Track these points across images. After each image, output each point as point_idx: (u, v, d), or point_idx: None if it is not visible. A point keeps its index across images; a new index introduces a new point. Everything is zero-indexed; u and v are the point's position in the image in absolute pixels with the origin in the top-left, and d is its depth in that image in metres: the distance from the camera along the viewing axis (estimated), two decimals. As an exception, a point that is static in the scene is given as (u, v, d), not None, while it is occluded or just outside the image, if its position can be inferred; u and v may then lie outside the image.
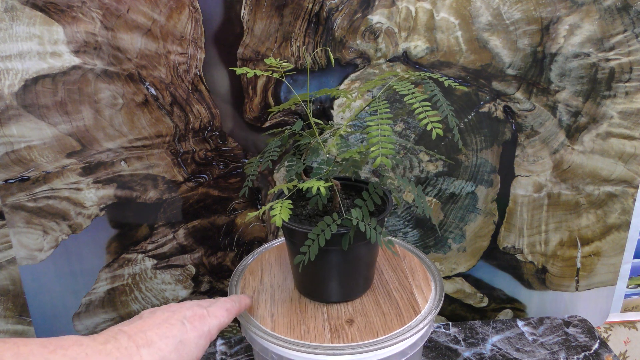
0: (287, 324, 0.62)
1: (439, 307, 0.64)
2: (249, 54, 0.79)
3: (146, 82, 0.79)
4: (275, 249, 0.79)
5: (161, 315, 0.53)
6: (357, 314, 0.64)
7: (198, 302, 0.57)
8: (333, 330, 0.61)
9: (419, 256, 0.75)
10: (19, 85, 0.77)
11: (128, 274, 0.90)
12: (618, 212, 0.93)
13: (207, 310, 0.56)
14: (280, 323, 0.63)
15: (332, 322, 0.63)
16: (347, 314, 0.64)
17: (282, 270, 0.73)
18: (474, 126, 0.86)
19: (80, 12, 0.75)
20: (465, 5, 0.79)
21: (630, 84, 0.85)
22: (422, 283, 0.69)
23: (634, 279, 1.00)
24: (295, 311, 0.65)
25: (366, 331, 0.61)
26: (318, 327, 0.62)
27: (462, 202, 0.91)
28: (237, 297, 0.62)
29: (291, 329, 0.62)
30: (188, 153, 0.84)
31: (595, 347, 0.89)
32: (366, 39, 0.80)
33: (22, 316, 0.91)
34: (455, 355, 0.87)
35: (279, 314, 0.64)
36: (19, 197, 0.83)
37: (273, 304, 0.66)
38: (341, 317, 0.64)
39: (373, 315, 0.63)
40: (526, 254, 0.95)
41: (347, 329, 0.61)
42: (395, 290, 0.68)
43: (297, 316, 0.64)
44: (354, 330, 0.61)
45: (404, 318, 0.63)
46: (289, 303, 0.66)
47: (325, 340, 0.59)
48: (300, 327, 0.62)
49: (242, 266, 0.74)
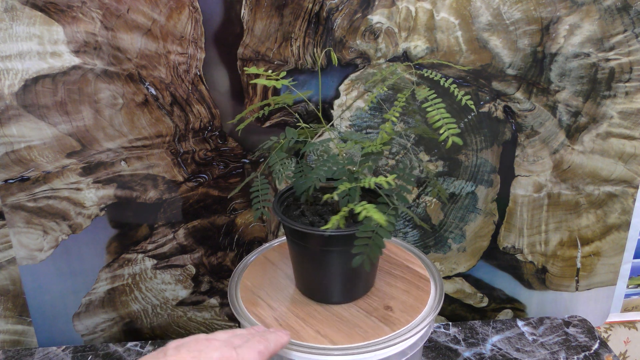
0: (287, 324, 0.62)
1: (439, 307, 0.64)
2: (249, 54, 0.79)
3: (146, 82, 0.79)
4: (275, 249, 0.79)
5: (186, 356, 0.49)
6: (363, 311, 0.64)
7: (228, 339, 0.53)
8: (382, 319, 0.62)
9: (419, 256, 0.75)
10: (19, 85, 0.77)
11: (128, 274, 0.90)
12: (618, 212, 0.93)
13: (237, 353, 0.51)
14: (296, 329, 0.62)
15: (374, 314, 0.63)
16: (378, 303, 0.64)
17: (283, 270, 0.73)
18: (474, 126, 0.86)
19: (80, 12, 0.75)
20: (465, 5, 0.79)
21: (630, 84, 0.85)
22: (422, 283, 0.69)
23: (634, 279, 1.00)
24: (297, 312, 0.65)
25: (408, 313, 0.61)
26: (368, 323, 0.62)
27: (462, 202, 0.91)
28: (273, 336, 0.56)
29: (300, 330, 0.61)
30: (188, 153, 0.84)
31: (595, 347, 0.89)
32: (366, 39, 0.80)
33: (22, 316, 0.91)
34: (455, 355, 0.87)
35: (280, 314, 0.64)
36: (19, 197, 0.83)
37: (274, 304, 0.66)
38: (378, 307, 0.65)
39: (359, 320, 0.63)
40: (526, 254, 0.95)
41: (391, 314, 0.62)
42: (396, 290, 0.68)
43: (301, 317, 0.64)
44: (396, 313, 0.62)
45: (404, 318, 0.63)
46: (290, 304, 0.66)
47: (385, 332, 0.60)
48: (351, 329, 0.61)
49: (242, 266, 0.74)
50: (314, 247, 0.62)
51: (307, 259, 0.65)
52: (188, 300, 0.93)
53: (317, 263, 0.64)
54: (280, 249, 0.79)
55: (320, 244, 0.62)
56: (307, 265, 0.66)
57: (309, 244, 0.62)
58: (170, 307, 0.93)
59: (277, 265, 0.75)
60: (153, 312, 0.93)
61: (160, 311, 0.93)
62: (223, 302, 0.94)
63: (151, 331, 0.95)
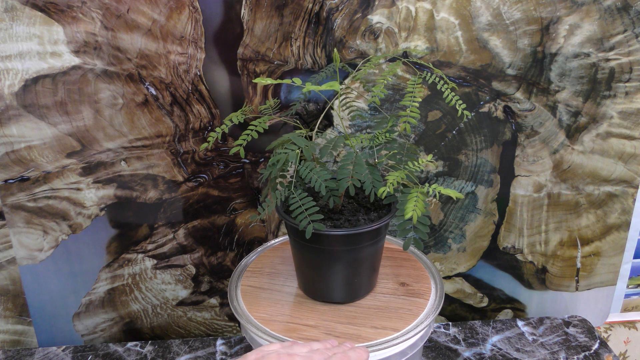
0: (288, 324, 0.62)
1: (439, 308, 0.64)
2: (249, 54, 0.79)
3: (146, 82, 0.79)
4: (275, 249, 0.79)
5: None
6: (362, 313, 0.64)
7: (309, 355, 0.49)
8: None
9: (419, 256, 0.75)
10: (19, 85, 0.77)
11: (128, 274, 0.90)
12: (618, 212, 0.93)
13: None
14: (281, 323, 0.63)
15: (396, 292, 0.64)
16: (351, 313, 0.64)
17: (283, 270, 0.73)
18: (474, 126, 0.86)
19: (80, 12, 0.75)
20: (465, 5, 0.79)
21: (630, 84, 0.85)
22: (422, 283, 0.69)
23: (634, 279, 1.00)
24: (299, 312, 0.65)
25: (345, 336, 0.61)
26: (373, 322, 0.62)
27: (462, 202, 0.91)
28: (354, 354, 0.51)
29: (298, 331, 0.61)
30: (188, 153, 0.84)
31: (595, 347, 0.89)
32: (366, 39, 0.80)
33: (22, 316, 0.91)
34: (455, 355, 0.87)
35: (280, 315, 0.64)
36: (19, 197, 0.83)
37: (274, 304, 0.66)
38: (381, 306, 0.65)
39: (376, 316, 0.63)
40: (526, 254, 0.95)
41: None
42: (396, 290, 0.68)
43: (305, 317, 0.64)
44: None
45: (404, 318, 0.63)
46: (293, 303, 0.66)
47: (389, 333, 0.60)
48: (360, 327, 0.61)
49: (242, 266, 0.74)
50: (319, 246, 0.62)
51: (309, 258, 0.65)
52: (188, 300, 0.93)
53: (320, 262, 0.64)
54: (280, 249, 0.79)
55: (323, 244, 0.61)
56: (310, 265, 0.66)
57: (312, 243, 0.62)
58: (170, 307, 0.93)
59: (278, 265, 0.75)
60: (153, 312, 0.93)
61: (160, 311, 0.93)
62: (223, 302, 0.94)
63: (151, 331, 0.95)
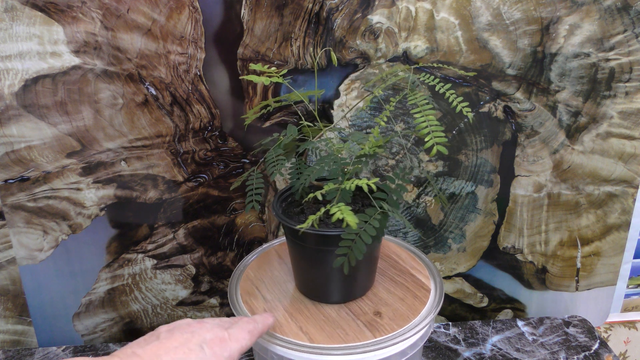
0: (287, 324, 0.62)
1: (439, 307, 0.64)
2: (249, 54, 0.79)
3: (146, 82, 0.79)
4: (275, 249, 0.79)
5: (179, 338, 0.50)
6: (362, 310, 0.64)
7: (219, 323, 0.54)
8: (368, 325, 0.62)
9: (419, 256, 0.75)
10: (19, 85, 0.77)
11: (128, 274, 0.90)
12: (618, 212, 0.93)
13: (228, 333, 0.52)
14: (281, 323, 0.63)
15: (362, 318, 0.63)
16: (370, 308, 0.65)
17: (283, 270, 0.73)
18: (474, 126, 0.86)
19: (80, 12, 0.75)
20: (465, 5, 0.79)
21: (630, 84, 0.85)
22: (422, 283, 0.69)
23: (634, 279, 1.00)
24: (298, 311, 0.65)
25: (339, 336, 0.61)
26: (352, 326, 0.62)
27: (462, 202, 0.91)
28: (260, 317, 0.58)
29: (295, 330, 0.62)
30: (188, 153, 0.84)
31: (595, 347, 0.89)
32: (366, 39, 0.80)
33: (22, 316, 0.91)
34: (455, 355, 0.87)
35: (280, 314, 0.64)
36: (19, 197, 0.83)
37: (274, 304, 0.66)
38: (366, 312, 0.64)
39: (356, 320, 0.63)
40: (526, 254, 0.95)
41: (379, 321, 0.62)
42: (396, 290, 0.68)
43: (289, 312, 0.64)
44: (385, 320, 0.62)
45: (404, 318, 0.63)
46: (290, 303, 0.66)
47: (368, 337, 0.60)
48: (334, 330, 0.61)
49: (242, 266, 0.74)
50: (310, 245, 0.63)
51: (303, 258, 0.66)
52: (188, 300, 0.93)
53: (312, 262, 0.64)
54: (280, 249, 0.79)
55: (315, 243, 0.62)
56: (303, 264, 0.66)
57: (305, 242, 0.62)
58: (170, 307, 0.93)
59: (277, 265, 0.75)
60: (153, 312, 0.93)
61: (160, 311, 0.93)
62: (223, 302, 0.94)
63: (151, 331, 0.94)
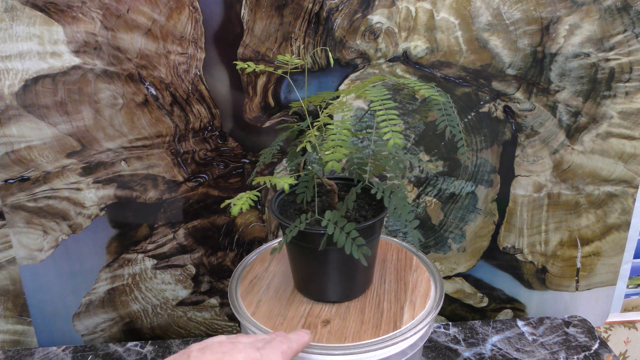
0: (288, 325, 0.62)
1: (439, 307, 0.64)
2: (249, 54, 0.79)
3: (146, 82, 0.79)
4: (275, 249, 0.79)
5: (210, 357, 0.49)
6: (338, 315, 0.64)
7: (252, 342, 0.53)
8: (305, 327, 0.62)
9: (419, 256, 0.75)
10: (19, 85, 0.77)
11: (128, 274, 0.90)
12: (618, 212, 0.93)
13: (261, 354, 0.51)
14: (281, 324, 0.63)
15: (309, 319, 0.63)
16: (328, 314, 0.64)
17: (283, 270, 0.73)
18: (474, 126, 0.86)
19: (80, 12, 0.75)
20: (465, 5, 0.79)
21: (630, 84, 0.85)
22: (422, 283, 0.69)
23: (634, 279, 1.00)
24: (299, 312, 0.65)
25: (336, 335, 0.60)
26: (364, 323, 0.62)
27: (462, 202, 0.91)
28: (294, 336, 0.56)
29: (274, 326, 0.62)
30: (188, 153, 0.84)
31: (595, 347, 0.89)
32: (366, 39, 0.80)
33: (22, 316, 0.91)
34: (455, 355, 0.87)
35: (279, 314, 0.64)
36: (19, 197, 0.83)
37: (274, 304, 0.66)
38: (321, 316, 0.63)
39: (354, 320, 0.63)
40: (526, 254, 0.95)
41: (320, 330, 0.61)
42: (395, 290, 0.68)
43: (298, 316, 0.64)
44: (324, 331, 0.61)
45: (404, 318, 0.63)
46: (289, 303, 0.66)
47: (368, 337, 0.60)
48: (333, 330, 0.61)
49: (242, 266, 0.74)
50: (308, 245, 0.63)
51: (301, 257, 0.66)
52: (188, 300, 0.93)
53: (311, 261, 0.64)
54: (280, 249, 0.79)
55: (313, 243, 0.62)
56: (302, 263, 0.66)
57: (303, 242, 0.63)
58: (170, 307, 0.93)
59: (278, 265, 0.75)
60: (153, 312, 0.93)
61: (160, 311, 0.93)
62: (223, 302, 0.94)
63: (151, 331, 0.95)
